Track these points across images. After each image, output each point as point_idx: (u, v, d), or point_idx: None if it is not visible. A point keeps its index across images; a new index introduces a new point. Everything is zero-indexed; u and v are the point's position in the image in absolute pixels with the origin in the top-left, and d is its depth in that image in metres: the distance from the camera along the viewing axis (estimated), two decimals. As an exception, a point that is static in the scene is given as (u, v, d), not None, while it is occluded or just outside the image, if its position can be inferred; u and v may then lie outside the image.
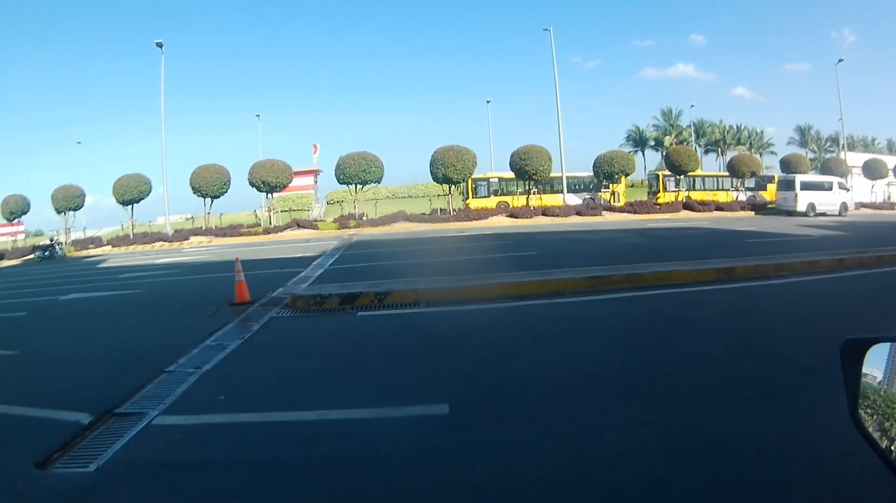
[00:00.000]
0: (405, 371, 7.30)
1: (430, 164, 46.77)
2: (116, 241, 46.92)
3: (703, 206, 49.00)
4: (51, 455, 5.31)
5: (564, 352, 7.64)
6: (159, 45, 50.72)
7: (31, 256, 45.37)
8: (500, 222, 44.08)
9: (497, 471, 4.40)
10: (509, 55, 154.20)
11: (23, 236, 58.77)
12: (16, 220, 53.04)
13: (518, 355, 7.63)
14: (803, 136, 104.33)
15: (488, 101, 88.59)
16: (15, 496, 4.68)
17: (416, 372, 7.22)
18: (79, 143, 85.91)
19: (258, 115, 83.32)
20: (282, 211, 56.68)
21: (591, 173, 52.83)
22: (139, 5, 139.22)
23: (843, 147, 69.04)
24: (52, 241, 47.11)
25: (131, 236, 47.79)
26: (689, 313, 9.66)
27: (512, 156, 47.94)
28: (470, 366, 7.26)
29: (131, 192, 48.06)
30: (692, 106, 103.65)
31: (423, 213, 48.84)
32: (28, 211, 52.32)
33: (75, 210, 51.68)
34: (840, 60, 64.14)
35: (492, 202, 52.17)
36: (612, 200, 52.87)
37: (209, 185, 46.93)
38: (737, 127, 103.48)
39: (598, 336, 8.38)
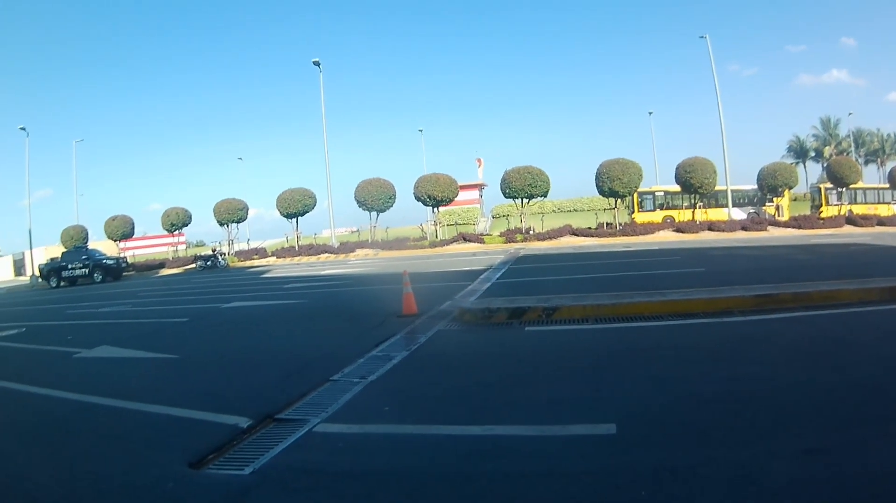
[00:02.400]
0: (572, 388, 7.29)
1: (596, 177, 46.53)
2: (281, 253, 49.07)
3: (865, 220, 46.18)
4: (205, 456, 5.59)
5: (732, 373, 7.48)
6: (317, 63, 53.78)
7: (193, 266, 48.03)
8: (667, 237, 43.14)
9: (660, 496, 4.35)
10: (666, 65, 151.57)
11: (184, 247, 63.01)
12: (177, 231, 56.55)
13: (686, 375, 7.53)
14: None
15: (650, 113, 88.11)
16: (164, 494, 4.94)
17: (584, 389, 7.20)
18: (240, 158, 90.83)
19: (421, 130, 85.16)
20: (447, 225, 57.49)
21: (755, 186, 51.07)
22: (301, 27, 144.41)
23: None
24: (214, 251, 49.99)
25: (296, 248, 49.95)
26: (856, 335, 9.21)
27: (677, 168, 47.03)
28: (638, 385, 7.20)
29: (296, 206, 50.59)
30: (850, 114, 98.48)
31: (589, 228, 48.39)
32: (189, 223, 57.18)
33: (238, 222, 55.26)
34: None
35: (657, 216, 51.42)
36: (776, 215, 50.69)
37: (374, 198, 48.57)
38: (895, 135, 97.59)
39: (767, 358, 8.15)
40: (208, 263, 46.66)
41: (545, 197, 49.80)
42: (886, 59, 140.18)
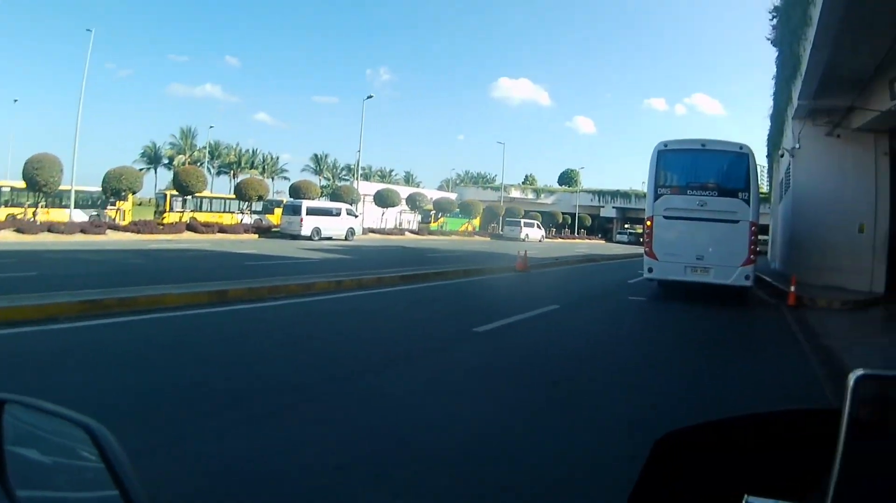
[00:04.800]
0: None
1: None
2: None
3: (208, 227, 49.80)
4: None
5: (49, 383, 6.69)
6: None
7: None
8: (5, 237, 40.86)
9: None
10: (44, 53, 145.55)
11: None
12: None
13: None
14: (319, 163, 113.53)
15: (16, 101, 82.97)
16: None
17: None
18: None
19: None
20: None
21: (100, 188, 51.04)
22: None
23: (357, 176, 75.18)
24: None
25: None
26: (181, 338, 9.70)
27: (26, 164, 44.28)
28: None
29: None
30: (211, 127, 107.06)
31: None
32: None
33: None
34: (369, 97, 73.26)
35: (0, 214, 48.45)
36: (117, 218, 51.31)
37: None
38: (253, 151, 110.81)
39: (95, 367, 7.76)
40: None
41: None
42: (262, 82, 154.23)
